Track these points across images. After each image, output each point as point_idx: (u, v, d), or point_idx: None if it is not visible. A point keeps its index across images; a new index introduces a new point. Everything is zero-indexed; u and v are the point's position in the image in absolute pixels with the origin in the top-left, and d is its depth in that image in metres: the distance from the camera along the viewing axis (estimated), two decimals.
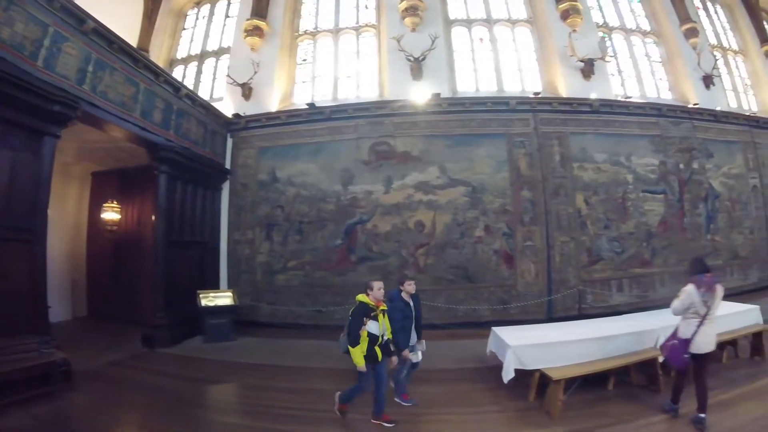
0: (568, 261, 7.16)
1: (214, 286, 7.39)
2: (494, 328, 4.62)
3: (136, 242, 7.71)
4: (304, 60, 9.05)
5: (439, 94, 7.42)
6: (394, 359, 3.60)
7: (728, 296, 7.25)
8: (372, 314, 3.42)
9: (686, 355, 3.40)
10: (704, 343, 3.40)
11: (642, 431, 3.27)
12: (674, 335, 3.58)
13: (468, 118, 7.40)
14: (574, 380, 3.82)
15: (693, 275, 3.52)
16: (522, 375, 3.92)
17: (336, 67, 8.66)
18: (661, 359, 3.98)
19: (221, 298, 6.89)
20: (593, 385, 4.02)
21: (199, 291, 6.66)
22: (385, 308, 3.52)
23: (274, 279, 7.52)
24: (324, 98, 8.40)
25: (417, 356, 3.87)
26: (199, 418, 3.77)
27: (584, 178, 7.36)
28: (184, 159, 6.57)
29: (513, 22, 8.70)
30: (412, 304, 3.86)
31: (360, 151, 7.47)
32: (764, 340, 4.72)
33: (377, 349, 3.39)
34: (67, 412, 3.76)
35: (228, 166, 8.03)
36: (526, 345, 3.95)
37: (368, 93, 8.25)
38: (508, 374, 3.84)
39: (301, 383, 4.53)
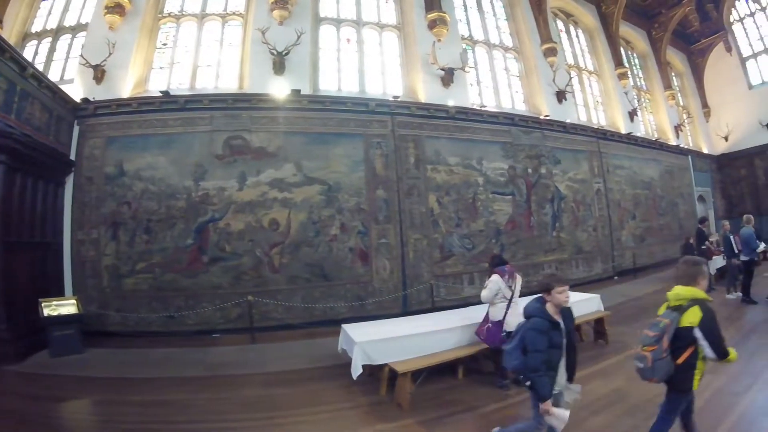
0: (421, 257, 8.01)
1: (59, 292, 6.92)
2: (344, 326, 4.84)
3: None
4: (164, 44, 8.86)
5: (299, 91, 7.81)
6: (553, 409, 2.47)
7: (575, 287, 8.72)
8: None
9: (503, 334, 4.13)
10: (514, 322, 4.06)
11: (491, 416, 3.65)
12: (486, 321, 4.33)
13: (327, 116, 7.90)
14: (421, 372, 4.16)
15: (495, 267, 4.38)
16: (376, 369, 4.20)
17: (197, 54, 8.63)
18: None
19: (65, 307, 6.46)
20: (444, 375, 4.47)
21: (41, 299, 6.21)
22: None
23: (121, 283, 7.22)
24: (181, 86, 8.33)
25: (564, 412, 2.47)
26: None
27: (437, 180, 8.32)
28: (26, 148, 6.07)
29: (382, 26, 9.51)
30: (562, 324, 2.57)
31: (214, 145, 7.54)
32: (606, 325, 5.62)
33: None
34: None
35: (73, 156, 7.54)
36: (373, 340, 4.17)
37: (228, 84, 8.36)
38: (356, 370, 4.03)
39: (156, 395, 4.47)
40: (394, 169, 8.03)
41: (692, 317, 2.26)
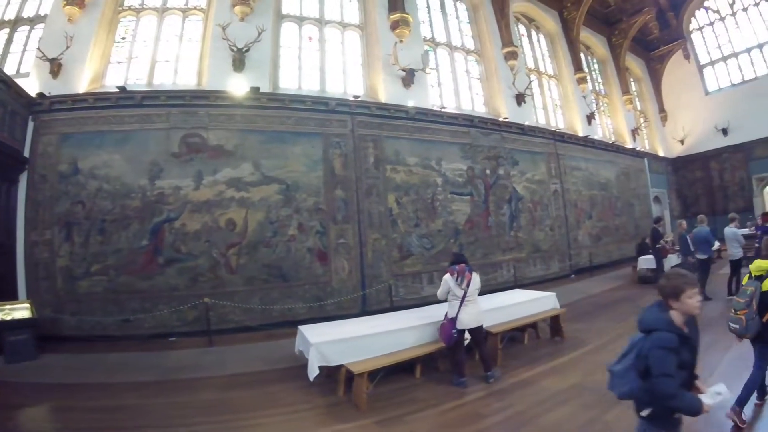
0: (380, 257, 8.16)
1: (12, 296, 6.69)
2: (300, 327, 4.88)
3: None
4: (123, 38, 8.65)
5: (258, 89, 7.80)
6: None
7: (532, 285, 9.20)
8: None
9: (453, 331, 4.25)
10: (468, 320, 4.31)
11: (448, 414, 3.76)
12: (446, 317, 4.45)
13: (286, 115, 7.91)
14: (378, 371, 4.21)
15: (450, 266, 4.52)
16: (333, 370, 4.24)
17: (156, 49, 8.46)
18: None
19: (18, 311, 6.30)
20: (402, 374, 4.54)
21: None
22: None
23: (76, 286, 7.02)
24: (139, 82, 8.16)
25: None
26: None
27: (396, 180, 8.50)
28: None
29: (344, 25, 9.58)
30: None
31: (170, 143, 7.43)
32: (562, 322, 5.79)
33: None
34: None
35: (27, 154, 7.27)
36: (329, 341, 4.21)
37: (186, 80, 8.25)
38: (312, 372, 4.05)
39: (112, 400, 4.44)
40: (354, 168, 8.14)
41: None
